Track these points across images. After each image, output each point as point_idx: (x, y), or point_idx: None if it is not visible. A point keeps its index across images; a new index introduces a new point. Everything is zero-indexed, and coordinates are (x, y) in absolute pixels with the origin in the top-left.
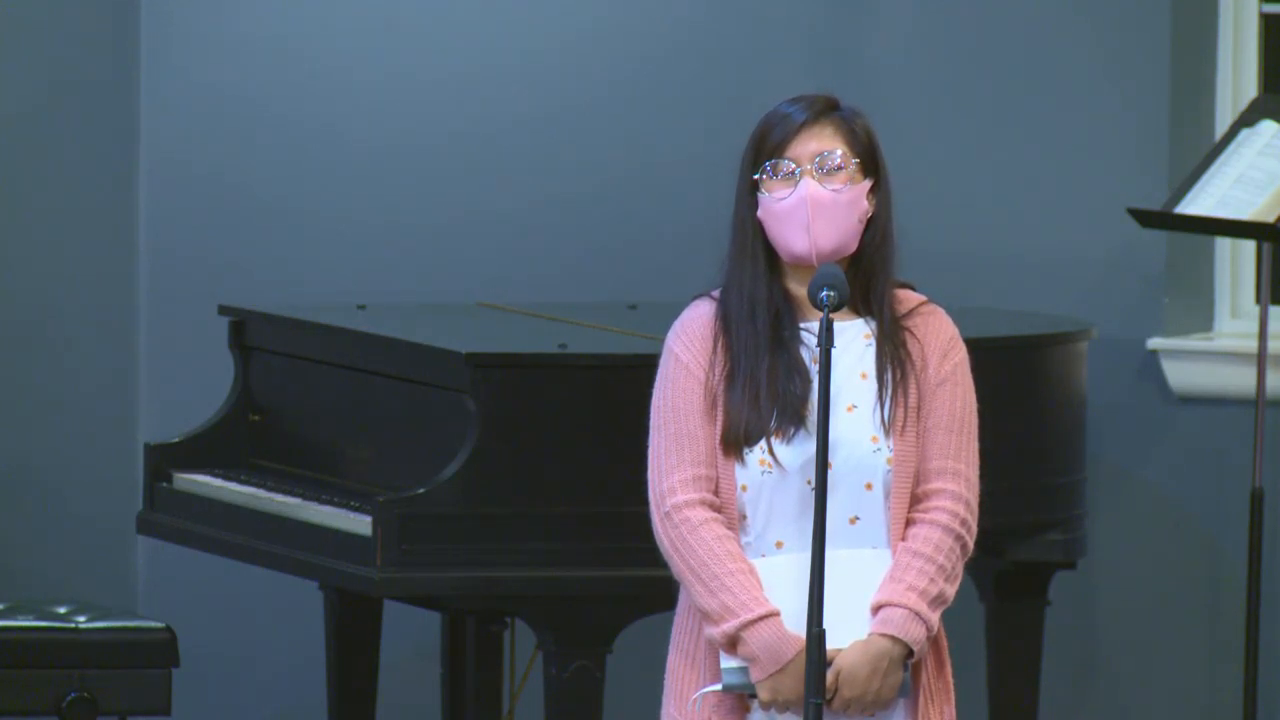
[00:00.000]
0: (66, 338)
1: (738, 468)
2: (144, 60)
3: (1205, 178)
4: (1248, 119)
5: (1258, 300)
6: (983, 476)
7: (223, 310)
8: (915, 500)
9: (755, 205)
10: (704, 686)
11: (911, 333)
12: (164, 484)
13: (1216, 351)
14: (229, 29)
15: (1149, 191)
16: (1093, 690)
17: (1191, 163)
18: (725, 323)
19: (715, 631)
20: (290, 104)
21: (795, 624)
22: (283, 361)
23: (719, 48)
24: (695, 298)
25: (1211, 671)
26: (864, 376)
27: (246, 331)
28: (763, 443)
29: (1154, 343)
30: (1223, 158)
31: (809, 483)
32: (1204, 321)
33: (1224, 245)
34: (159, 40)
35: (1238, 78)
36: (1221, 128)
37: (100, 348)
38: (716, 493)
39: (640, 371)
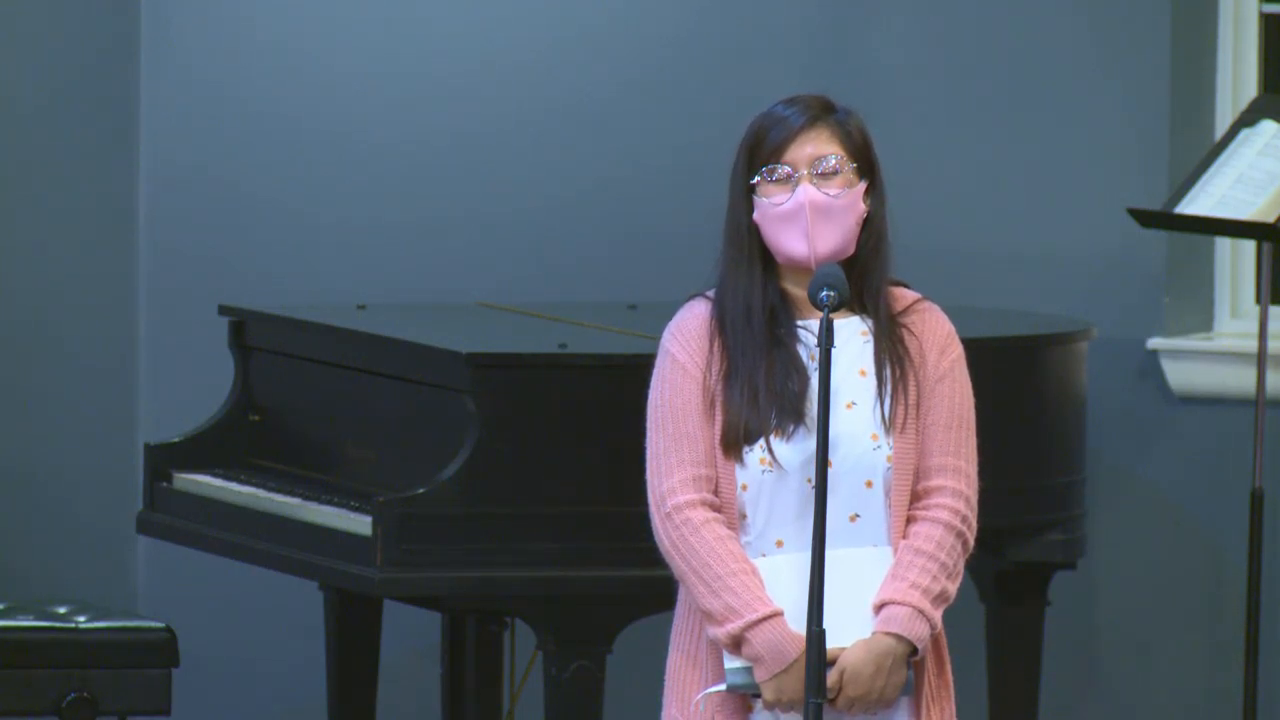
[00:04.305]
0: (66, 338)
1: (737, 467)
2: (144, 60)
3: (1205, 178)
4: (1248, 119)
5: (1258, 300)
6: (981, 476)
7: (223, 310)
8: (915, 497)
9: (750, 208)
10: (706, 687)
11: (909, 330)
12: (164, 484)
13: (1216, 351)
14: (229, 29)
15: (1149, 191)
16: (1093, 690)
17: (1191, 163)
18: (721, 324)
19: (719, 632)
20: (290, 104)
21: (797, 623)
22: (283, 361)
23: (719, 48)
24: (690, 297)
25: (1211, 671)
26: (863, 373)
27: (246, 331)
28: (762, 441)
29: (1154, 343)
30: (1223, 158)
31: (809, 481)
32: (1204, 321)
33: (1224, 245)
34: (159, 40)
35: (1238, 78)
36: (1221, 128)
37: (100, 348)
38: (716, 492)
39: (640, 371)
